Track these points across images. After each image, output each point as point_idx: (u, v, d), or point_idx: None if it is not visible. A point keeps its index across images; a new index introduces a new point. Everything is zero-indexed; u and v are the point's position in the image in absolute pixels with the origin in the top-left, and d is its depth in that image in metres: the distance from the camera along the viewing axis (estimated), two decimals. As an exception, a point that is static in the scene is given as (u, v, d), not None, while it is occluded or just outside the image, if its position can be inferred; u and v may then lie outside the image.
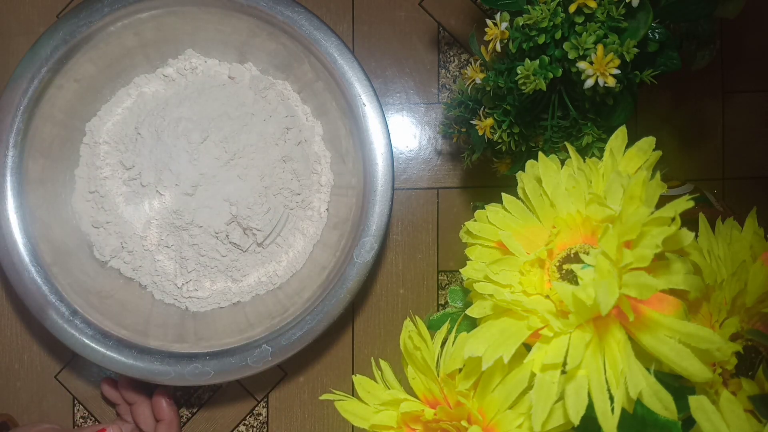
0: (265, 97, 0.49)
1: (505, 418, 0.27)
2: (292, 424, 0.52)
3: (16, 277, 0.45)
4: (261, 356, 0.44)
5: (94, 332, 0.45)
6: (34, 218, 0.46)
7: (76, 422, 0.52)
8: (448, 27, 0.52)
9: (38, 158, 0.46)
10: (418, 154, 0.52)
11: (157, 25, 0.47)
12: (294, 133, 0.49)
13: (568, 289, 0.25)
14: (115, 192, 0.49)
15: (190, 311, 0.49)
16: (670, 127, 0.52)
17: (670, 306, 0.25)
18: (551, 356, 0.25)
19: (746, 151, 0.52)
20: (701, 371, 0.23)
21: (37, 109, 0.45)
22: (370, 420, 0.30)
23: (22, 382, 0.52)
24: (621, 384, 0.24)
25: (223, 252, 0.48)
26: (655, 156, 0.27)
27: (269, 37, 0.46)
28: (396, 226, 0.52)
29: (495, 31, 0.34)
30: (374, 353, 0.52)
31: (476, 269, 0.29)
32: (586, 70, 0.32)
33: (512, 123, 0.37)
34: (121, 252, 0.49)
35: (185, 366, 0.44)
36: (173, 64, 0.50)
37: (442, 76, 0.52)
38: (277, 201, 0.48)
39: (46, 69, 0.45)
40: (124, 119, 0.49)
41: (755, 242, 0.29)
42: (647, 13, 0.32)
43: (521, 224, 0.30)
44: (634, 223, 0.24)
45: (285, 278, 0.49)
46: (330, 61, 0.45)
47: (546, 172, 0.29)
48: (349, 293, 0.44)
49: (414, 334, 0.30)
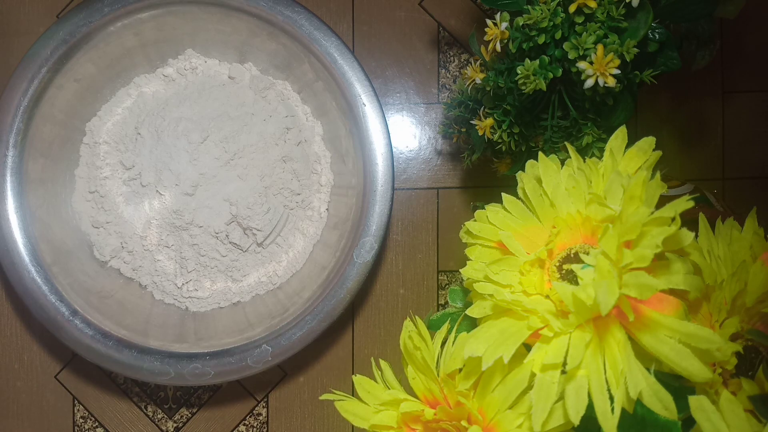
0: (265, 97, 0.49)
1: (505, 418, 0.27)
2: (292, 424, 0.52)
3: (16, 277, 0.45)
4: (261, 356, 0.44)
5: (94, 332, 0.45)
6: (34, 218, 0.46)
7: (76, 422, 0.52)
8: (448, 27, 0.52)
9: (38, 158, 0.46)
10: (418, 154, 0.52)
11: (157, 25, 0.47)
12: (294, 133, 0.49)
13: (568, 289, 0.25)
14: (115, 192, 0.49)
15: (190, 311, 0.49)
16: (670, 127, 0.52)
17: (670, 306, 0.25)
18: (551, 356, 0.25)
19: (746, 151, 0.52)
20: (701, 371, 0.23)
21: (37, 109, 0.45)
22: (370, 420, 0.30)
23: (22, 382, 0.52)
24: (621, 384, 0.24)
25: (223, 252, 0.48)
26: (655, 156, 0.27)
27: (269, 37, 0.46)
28: (396, 226, 0.52)
29: (495, 31, 0.34)
30: (374, 353, 0.52)
31: (476, 269, 0.29)
32: (586, 70, 0.32)
33: (512, 123, 0.37)
34: (121, 252, 0.49)
35: (185, 366, 0.44)
36: (173, 64, 0.50)
37: (442, 76, 0.52)
38: (277, 201, 0.48)
39: (46, 69, 0.45)
40: (124, 119, 0.49)
41: (755, 242, 0.29)
42: (647, 13, 0.32)
43: (521, 224, 0.30)
44: (634, 223, 0.24)
45: (285, 278, 0.49)
46: (330, 61, 0.45)
47: (546, 172, 0.29)
48: (349, 293, 0.44)
49: (414, 334, 0.30)
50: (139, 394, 0.52)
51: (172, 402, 0.52)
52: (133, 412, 0.52)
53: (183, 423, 0.52)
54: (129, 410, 0.52)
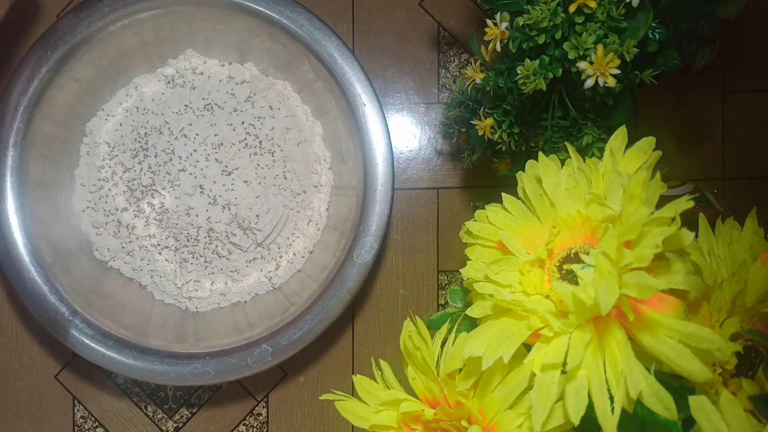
0: (265, 97, 0.49)
1: (505, 418, 0.27)
2: (292, 424, 0.52)
3: (16, 277, 0.45)
4: (261, 356, 0.44)
5: (94, 332, 0.45)
6: (34, 218, 0.46)
7: (76, 422, 0.52)
8: (448, 27, 0.52)
9: (38, 158, 0.46)
10: (418, 154, 0.52)
11: (157, 25, 0.47)
12: (294, 133, 0.49)
13: (568, 289, 0.25)
14: (115, 192, 0.49)
15: (190, 311, 0.49)
16: (670, 127, 0.52)
17: (670, 306, 0.25)
18: (551, 356, 0.25)
19: (746, 151, 0.52)
20: (701, 371, 0.23)
21: (37, 109, 0.45)
22: (370, 420, 0.30)
23: (22, 382, 0.52)
24: (621, 384, 0.24)
25: (223, 252, 0.48)
26: (655, 156, 0.27)
27: (269, 37, 0.46)
28: (396, 226, 0.52)
29: (495, 31, 0.34)
30: (374, 353, 0.52)
31: (476, 269, 0.29)
32: (586, 70, 0.32)
33: (512, 123, 0.37)
34: (121, 252, 0.49)
35: (185, 366, 0.44)
36: (173, 64, 0.50)
37: (442, 76, 0.52)
38: (277, 201, 0.48)
39: (46, 69, 0.45)
40: (124, 119, 0.49)
41: (755, 242, 0.29)
42: (647, 13, 0.32)
43: (521, 224, 0.30)
44: (634, 223, 0.24)
45: (285, 278, 0.49)
46: (330, 61, 0.45)
47: (546, 172, 0.29)
48: (349, 293, 0.44)
49: (414, 334, 0.30)
50: (139, 394, 0.52)
51: (172, 402, 0.52)
52: (133, 412, 0.52)
53: (183, 423, 0.52)
54: (129, 410, 0.52)
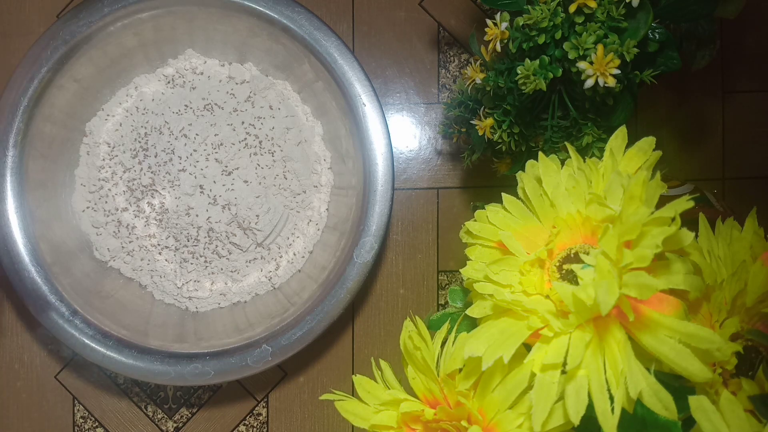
0: (265, 97, 0.49)
1: (505, 418, 0.27)
2: (292, 424, 0.52)
3: (16, 277, 0.45)
4: (261, 356, 0.44)
5: (94, 332, 0.45)
6: (34, 218, 0.46)
7: (76, 422, 0.52)
8: (448, 27, 0.52)
9: (38, 158, 0.46)
10: (418, 154, 0.52)
11: (157, 25, 0.47)
12: (294, 133, 0.49)
13: (568, 289, 0.25)
14: (115, 192, 0.49)
15: (190, 311, 0.49)
16: (670, 127, 0.52)
17: (670, 306, 0.25)
18: (551, 356, 0.25)
19: (746, 151, 0.52)
20: (701, 371, 0.23)
21: (37, 109, 0.45)
22: (370, 420, 0.30)
23: (22, 382, 0.52)
24: (621, 384, 0.24)
25: (223, 252, 0.48)
26: (655, 156, 0.27)
27: (269, 37, 0.46)
28: (396, 226, 0.52)
29: (495, 31, 0.34)
30: (374, 353, 0.52)
31: (476, 269, 0.29)
32: (586, 70, 0.32)
33: (512, 123, 0.37)
34: (121, 252, 0.49)
35: (185, 366, 0.44)
36: (173, 64, 0.50)
37: (442, 76, 0.52)
38: (277, 201, 0.48)
39: (46, 69, 0.45)
40: (124, 119, 0.49)
41: (755, 242, 0.29)
42: (647, 13, 0.32)
43: (521, 224, 0.30)
44: (634, 223, 0.24)
45: (285, 278, 0.49)
46: (330, 61, 0.45)
47: (546, 172, 0.29)
48: (349, 293, 0.44)
49: (414, 334, 0.30)
50: (139, 394, 0.52)
51: (172, 402, 0.52)
52: (133, 412, 0.52)
53: (183, 423, 0.52)
54: (129, 410, 0.52)
